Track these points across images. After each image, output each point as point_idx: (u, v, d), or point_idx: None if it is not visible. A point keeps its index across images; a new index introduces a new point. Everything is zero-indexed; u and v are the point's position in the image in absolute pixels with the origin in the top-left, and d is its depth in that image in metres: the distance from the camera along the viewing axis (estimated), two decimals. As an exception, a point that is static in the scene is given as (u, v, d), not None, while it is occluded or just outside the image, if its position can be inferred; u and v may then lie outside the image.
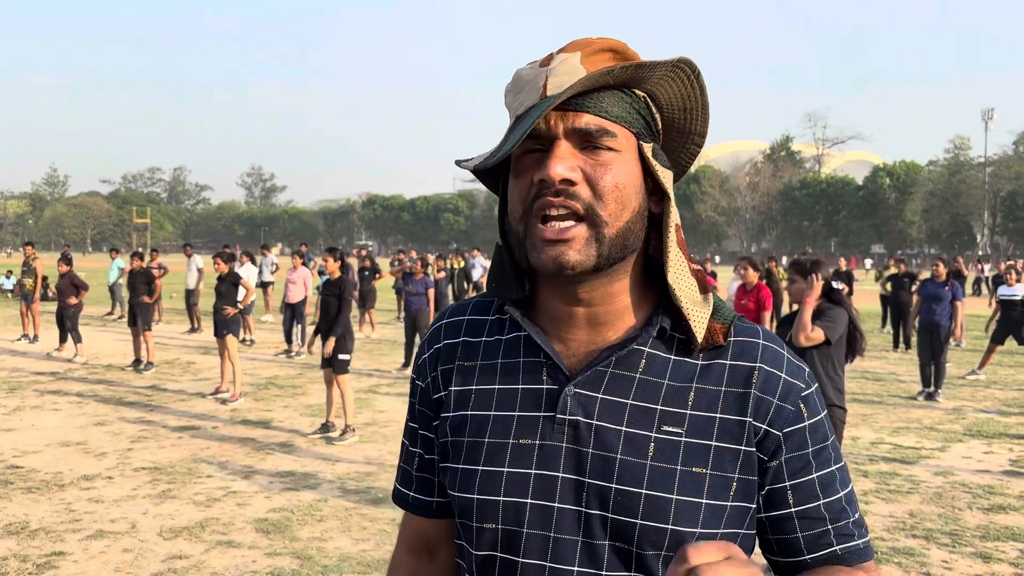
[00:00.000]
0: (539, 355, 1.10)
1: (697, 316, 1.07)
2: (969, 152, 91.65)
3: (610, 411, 1.05)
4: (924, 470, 7.26)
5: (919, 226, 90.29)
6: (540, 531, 1.04)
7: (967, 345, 16.85)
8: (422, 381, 1.21)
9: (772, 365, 1.08)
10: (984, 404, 10.56)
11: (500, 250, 1.16)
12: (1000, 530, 5.70)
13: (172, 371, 12.25)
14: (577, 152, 1.03)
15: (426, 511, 1.24)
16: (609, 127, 1.03)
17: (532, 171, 1.04)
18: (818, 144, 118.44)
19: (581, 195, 1.01)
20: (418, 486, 1.24)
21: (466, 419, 1.13)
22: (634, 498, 1.02)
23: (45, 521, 5.62)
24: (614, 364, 1.07)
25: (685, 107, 1.10)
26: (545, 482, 1.05)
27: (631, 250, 1.06)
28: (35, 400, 9.90)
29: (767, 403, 1.06)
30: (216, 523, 5.61)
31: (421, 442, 1.22)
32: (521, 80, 1.07)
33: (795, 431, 1.07)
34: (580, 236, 1.02)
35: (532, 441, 1.07)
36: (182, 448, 7.64)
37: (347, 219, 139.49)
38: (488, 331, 1.17)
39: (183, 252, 18.92)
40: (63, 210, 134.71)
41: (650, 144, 1.08)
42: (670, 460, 1.03)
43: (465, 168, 1.11)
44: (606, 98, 1.03)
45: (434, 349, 1.21)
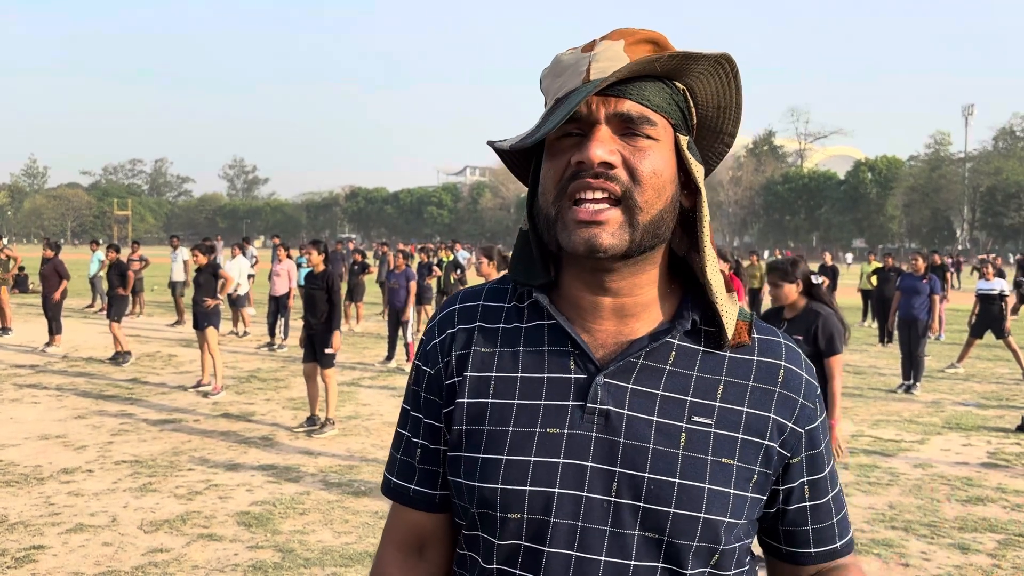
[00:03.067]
0: (566, 344, 1.09)
1: (728, 312, 1.09)
2: (949, 147, 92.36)
3: (641, 401, 1.06)
4: (903, 462, 7.32)
5: (900, 221, 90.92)
6: (568, 520, 1.03)
7: (947, 339, 17.00)
8: (431, 367, 1.17)
9: (794, 364, 1.12)
10: (963, 397, 10.66)
11: (525, 235, 1.15)
12: (978, 521, 5.76)
13: (153, 364, 12.17)
14: (616, 137, 1.03)
15: (428, 505, 1.20)
16: (650, 115, 1.03)
17: (569, 153, 1.03)
18: (800, 139, 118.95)
19: (620, 178, 1.01)
20: (420, 478, 1.19)
21: (486, 407, 1.10)
22: (667, 487, 1.02)
23: (24, 515, 5.57)
24: (645, 356, 1.08)
25: (719, 105, 1.10)
26: (574, 471, 1.04)
27: (662, 240, 1.07)
28: (14, 393, 9.81)
29: (792, 401, 1.10)
30: (198, 516, 5.59)
31: (425, 432, 1.18)
32: (561, 64, 1.07)
33: (813, 428, 1.13)
34: (614, 219, 1.01)
35: (560, 430, 1.06)
36: (163, 441, 7.59)
37: (330, 212, 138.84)
38: (506, 318, 1.15)
39: (169, 244, 18.75)
40: (43, 202, 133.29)
41: (686, 137, 1.08)
42: (701, 450, 1.05)
43: (499, 148, 1.10)
44: (648, 87, 1.03)
45: (447, 334, 1.17)
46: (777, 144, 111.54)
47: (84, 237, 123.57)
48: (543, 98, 1.12)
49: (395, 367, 12.12)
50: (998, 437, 8.40)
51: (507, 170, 1.27)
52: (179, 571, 4.70)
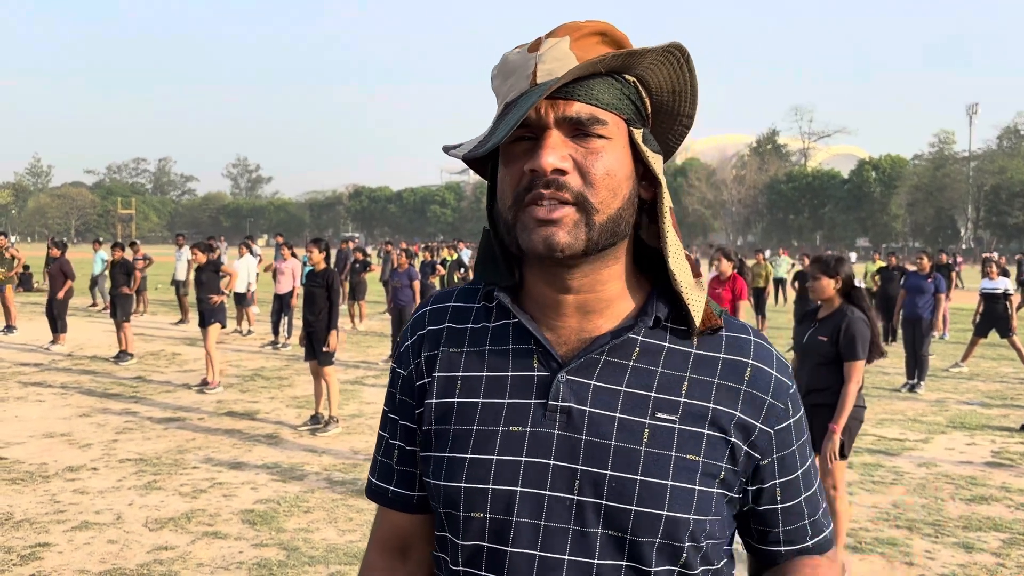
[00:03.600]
0: (529, 342, 1.09)
1: (695, 300, 1.09)
2: (954, 146, 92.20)
3: (603, 398, 1.05)
4: (908, 461, 7.32)
5: (904, 220, 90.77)
6: (530, 520, 1.03)
7: (951, 338, 16.98)
8: (404, 369, 1.18)
9: (763, 362, 1.11)
10: (967, 396, 10.65)
11: (488, 235, 1.16)
12: (982, 520, 5.76)
13: (157, 362, 12.19)
14: (568, 140, 1.02)
15: (406, 506, 1.20)
16: (600, 115, 1.02)
17: (523, 160, 1.03)
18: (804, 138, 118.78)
19: (572, 185, 1.01)
20: (398, 480, 1.20)
21: (452, 407, 1.10)
22: (629, 484, 1.02)
23: (29, 512, 5.59)
24: (608, 352, 1.07)
25: (674, 89, 1.09)
26: (536, 470, 1.04)
27: (621, 236, 1.06)
28: (19, 391, 9.83)
29: (759, 400, 1.09)
30: (202, 514, 5.60)
31: (402, 433, 1.19)
32: (509, 65, 1.06)
33: (783, 428, 1.11)
34: (570, 218, 1.01)
35: (523, 428, 1.05)
36: (168, 439, 7.61)
37: (333, 211, 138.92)
38: (474, 318, 1.15)
39: (174, 243, 18.76)
40: (47, 201, 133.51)
41: (640, 130, 1.08)
42: (664, 447, 1.04)
43: (453, 156, 1.09)
44: (596, 85, 1.02)
45: (418, 335, 1.18)
46: (781, 143, 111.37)
47: (88, 236, 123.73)
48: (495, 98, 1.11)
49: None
50: (1002, 436, 8.39)
51: None
52: (184, 569, 4.71)
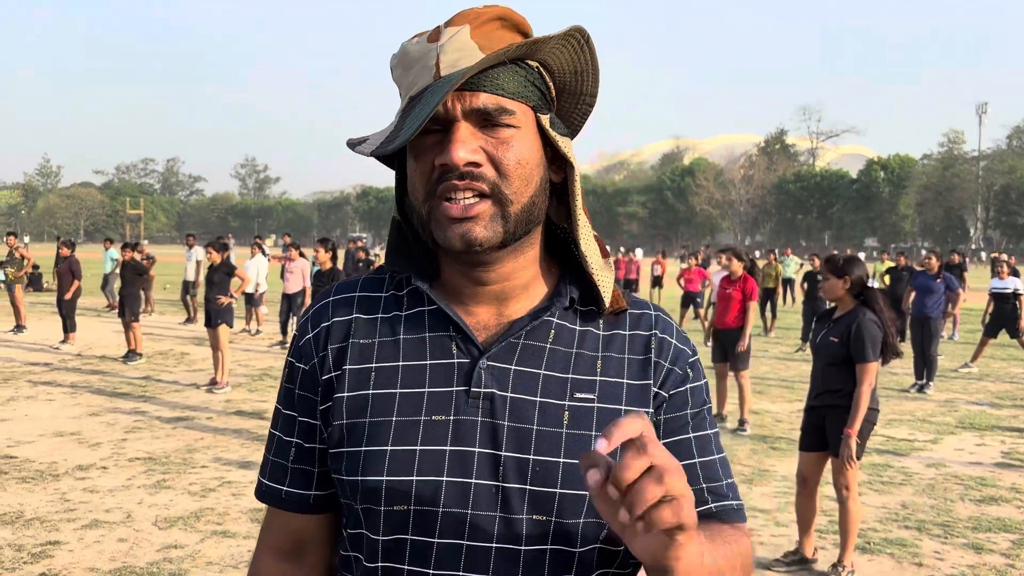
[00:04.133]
0: (448, 329, 1.08)
1: (604, 280, 1.10)
2: (963, 146, 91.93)
3: (524, 382, 1.05)
4: (917, 462, 7.29)
5: (912, 220, 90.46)
6: (456, 509, 1.01)
7: (960, 338, 16.91)
8: (304, 363, 1.12)
9: (665, 332, 1.14)
10: (976, 397, 10.61)
11: (399, 225, 1.14)
12: (992, 521, 5.74)
13: (166, 362, 12.23)
14: (477, 132, 1.01)
15: (303, 506, 1.15)
16: (507, 104, 1.01)
17: (432, 153, 1.01)
18: (812, 137, 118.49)
19: (486, 176, 1.00)
20: (294, 479, 1.14)
21: (367, 399, 1.07)
22: (552, 467, 1.02)
23: (40, 511, 5.62)
24: (525, 335, 1.07)
25: (576, 70, 1.09)
26: (461, 458, 1.02)
27: (536, 223, 1.07)
28: (29, 390, 9.87)
29: (661, 367, 1.11)
30: (211, 513, 5.62)
31: (300, 431, 1.13)
32: (410, 56, 1.04)
33: (678, 393, 1.12)
34: (486, 212, 1.01)
35: (446, 417, 1.04)
36: (177, 439, 7.63)
37: (341, 211, 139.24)
38: (384, 307, 1.12)
39: (184, 242, 18.80)
40: (56, 201, 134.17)
41: (547, 115, 1.07)
42: (585, 427, 1.04)
43: (360, 152, 1.06)
44: (502, 75, 1.01)
45: (322, 327, 1.13)
46: (789, 143, 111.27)
47: (97, 236, 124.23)
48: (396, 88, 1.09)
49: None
50: (1012, 437, 8.36)
51: None
52: (193, 567, 4.73)
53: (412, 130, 0.96)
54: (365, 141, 1.06)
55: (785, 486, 6.41)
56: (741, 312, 8.37)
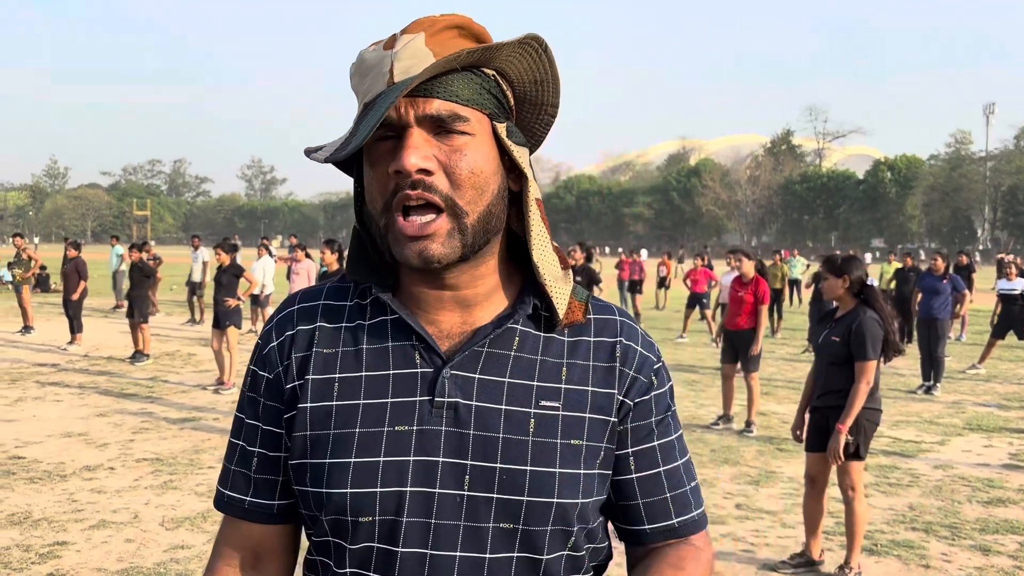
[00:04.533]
0: (411, 338, 1.07)
1: (559, 292, 1.09)
2: (970, 146, 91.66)
3: (489, 391, 1.05)
4: (924, 464, 7.27)
5: (920, 220, 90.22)
6: (420, 518, 1.01)
7: (967, 340, 16.86)
8: (268, 372, 1.12)
9: (630, 339, 1.13)
10: (984, 398, 10.58)
11: (359, 234, 1.13)
12: (999, 523, 5.72)
13: (173, 363, 12.26)
14: (431, 139, 1.00)
15: (266, 517, 1.14)
16: (461, 111, 1.00)
17: (387, 160, 1.01)
18: (819, 138, 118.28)
19: (438, 186, 1.00)
20: (257, 489, 1.13)
21: (331, 410, 1.06)
22: (519, 476, 1.02)
23: (48, 511, 5.64)
24: (489, 343, 1.07)
25: (536, 79, 1.08)
26: (425, 468, 1.02)
27: (494, 232, 1.06)
28: (36, 391, 9.91)
29: (626, 375, 1.11)
30: (218, 514, 5.62)
31: (263, 440, 1.12)
32: (366, 64, 1.03)
33: (643, 401, 1.12)
34: (442, 229, 1.00)
35: (409, 427, 1.03)
36: (184, 439, 7.66)
37: (347, 212, 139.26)
38: (348, 317, 1.11)
39: (190, 244, 18.81)
40: (63, 202, 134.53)
41: (504, 123, 1.07)
42: (550, 434, 1.05)
43: (315, 160, 1.05)
44: (455, 81, 1.01)
45: (285, 336, 1.12)
46: (795, 143, 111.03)
47: (104, 237, 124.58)
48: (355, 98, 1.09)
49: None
50: (1020, 438, 8.33)
51: None
52: (200, 568, 4.74)
53: (363, 135, 0.96)
54: (321, 149, 1.06)
55: (791, 487, 6.40)
56: (753, 314, 8.35)
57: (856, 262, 4.86)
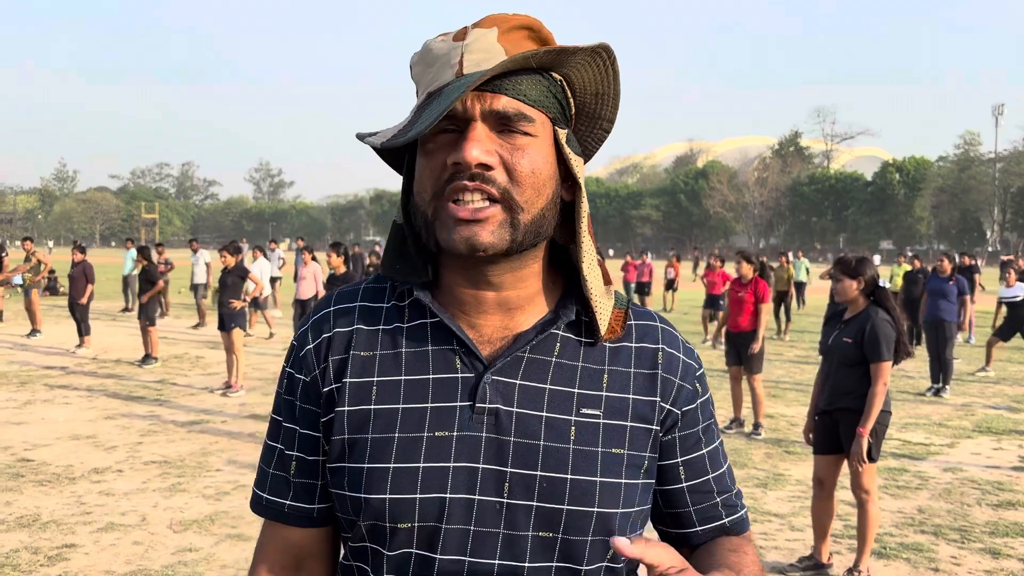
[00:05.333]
0: (451, 342, 1.05)
1: (603, 308, 1.08)
2: (979, 148, 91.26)
3: (530, 397, 1.03)
4: (933, 466, 7.24)
5: (928, 222, 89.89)
6: (460, 525, 1.00)
7: (976, 341, 16.78)
8: (305, 375, 1.10)
9: (671, 346, 1.12)
10: (993, 400, 10.52)
11: (400, 230, 1.11)
12: (1009, 526, 5.69)
13: (181, 366, 12.29)
14: (493, 135, 0.99)
15: (306, 521, 1.12)
16: (527, 111, 0.99)
17: (445, 152, 0.99)
18: (827, 139, 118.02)
19: (497, 180, 0.98)
20: (296, 493, 1.12)
21: (369, 414, 1.04)
22: (560, 484, 1.01)
23: (56, 514, 5.65)
24: (531, 349, 1.05)
25: (597, 92, 1.08)
26: (466, 474, 1.01)
27: (543, 236, 1.04)
28: (45, 394, 9.94)
29: (671, 383, 1.09)
30: (226, 516, 5.64)
31: (301, 444, 1.11)
32: (432, 54, 1.02)
33: (690, 409, 1.11)
34: (495, 218, 0.99)
35: (449, 433, 1.02)
36: (191, 442, 7.67)
37: (355, 215, 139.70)
38: (385, 319, 1.09)
39: (189, 247, 18.88)
40: (72, 205, 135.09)
41: (565, 130, 1.06)
42: (591, 443, 1.03)
43: (369, 143, 1.03)
44: (524, 81, 1.00)
45: (322, 338, 1.10)
46: (803, 145, 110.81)
47: (113, 240, 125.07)
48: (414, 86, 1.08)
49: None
50: (1030, 441, 8.28)
51: None
52: (208, 570, 4.75)
53: (427, 123, 0.94)
54: (376, 135, 1.04)
55: (800, 490, 6.37)
56: (754, 315, 8.36)
57: (869, 263, 4.85)
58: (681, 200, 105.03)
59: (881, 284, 4.85)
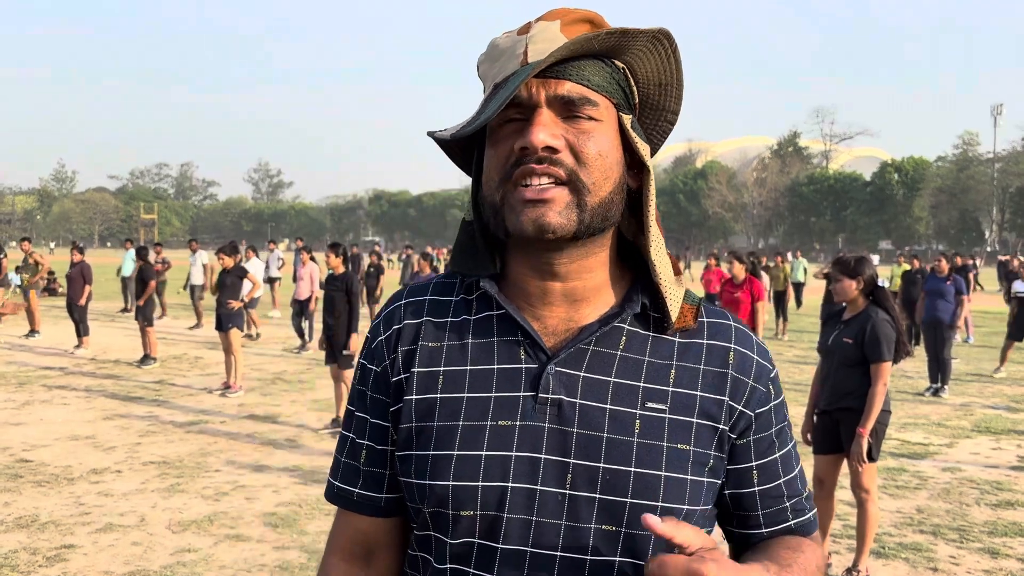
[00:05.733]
0: (516, 333, 1.07)
1: (673, 295, 1.07)
2: (978, 148, 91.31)
3: (594, 389, 1.03)
4: (932, 466, 7.24)
5: (927, 222, 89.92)
6: (522, 515, 1.00)
7: (975, 341, 16.79)
8: (376, 365, 1.13)
9: (744, 346, 1.10)
10: (992, 400, 10.53)
11: (468, 226, 1.13)
12: (1008, 526, 5.69)
13: (180, 366, 12.29)
14: (559, 120, 1.00)
15: (374, 509, 1.15)
16: (591, 96, 1.00)
17: (512, 139, 1.01)
18: (826, 140, 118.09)
19: (564, 162, 0.99)
20: (365, 482, 1.14)
21: (435, 403, 1.07)
22: (623, 476, 1.00)
23: (55, 514, 5.65)
24: (595, 342, 1.06)
25: (661, 82, 1.08)
26: (527, 464, 1.01)
27: (611, 222, 1.05)
28: (44, 395, 9.94)
29: (743, 384, 1.08)
30: (224, 517, 5.64)
31: (371, 433, 1.14)
32: (498, 49, 1.04)
33: (764, 412, 1.10)
34: (562, 198, 0.99)
35: (512, 422, 1.03)
36: (190, 442, 7.67)
37: (354, 215, 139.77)
38: (454, 311, 1.12)
39: (188, 247, 18.85)
40: (71, 206, 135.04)
41: (629, 116, 1.06)
42: (656, 437, 1.03)
43: (439, 137, 1.06)
44: (588, 66, 1.01)
45: (392, 330, 1.13)
46: (802, 145, 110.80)
47: (112, 241, 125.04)
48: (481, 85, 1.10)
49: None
50: (1028, 441, 8.28)
51: None
52: (207, 571, 4.75)
53: (493, 110, 0.96)
54: (445, 130, 1.06)
55: (799, 490, 6.37)
56: (751, 314, 8.39)
57: (868, 263, 4.85)
58: (680, 200, 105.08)
59: (880, 284, 4.85)
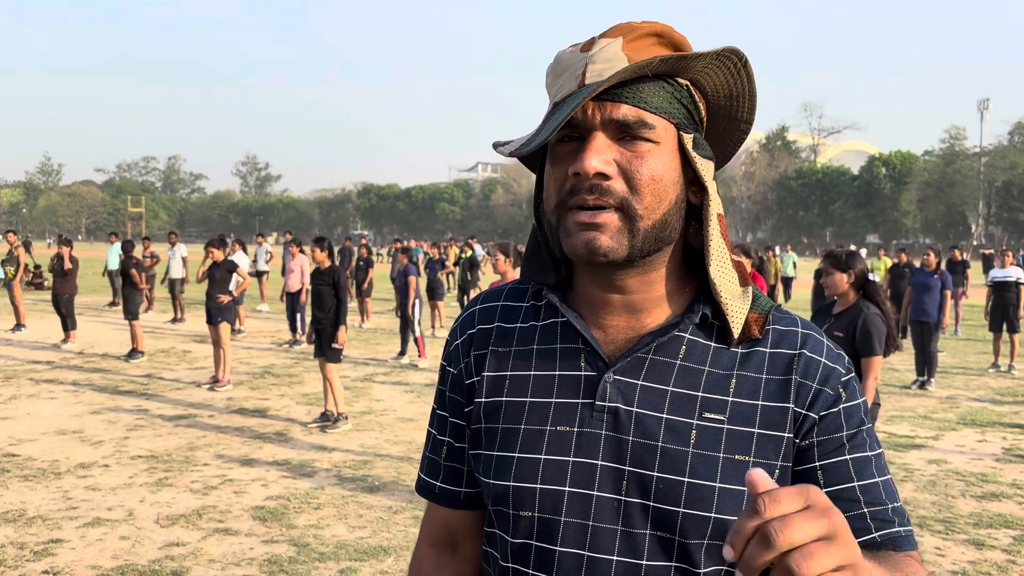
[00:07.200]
0: (577, 341, 1.10)
1: (736, 310, 1.06)
2: (965, 142, 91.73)
3: (650, 398, 1.04)
4: (918, 458, 7.30)
5: (914, 216, 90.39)
6: (578, 519, 1.03)
7: (963, 334, 16.90)
8: (454, 367, 1.19)
9: (813, 352, 1.07)
10: (978, 393, 10.61)
11: (536, 234, 1.15)
12: (993, 517, 5.74)
13: (168, 360, 12.24)
14: (613, 143, 1.01)
15: (453, 502, 1.22)
16: (647, 118, 1.01)
17: (568, 161, 1.02)
18: (814, 134, 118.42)
19: (615, 190, 1.00)
20: (446, 476, 1.21)
21: (501, 405, 1.11)
22: (676, 486, 1.01)
23: (42, 509, 5.63)
24: (654, 351, 1.06)
25: (731, 94, 1.08)
26: (584, 470, 1.04)
27: (667, 242, 1.05)
28: (31, 389, 9.89)
29: (807, 388, 1.05)
30: (213, 511, 5.63)
31: (451, 430, 1.20)
32: (561, 64, 1.05)
33: (830, 414, 1.06)
34: (613, 223, 1.00)
35: (570, 428, 1.06)
36: (179, 436, 7.65)
37: (342, 208, 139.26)
38: (523, 317, 1.16)
39: (168, 241, 18.69)
40: (57, 199, 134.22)
41: (691, 135, 1.06)
42: (712, 448, 1.02)
43: (502, 152, 1.09)
44: (646, 88, 1.01)
45: (467, 335, 1.19)
46: (790, 139, 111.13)
47: (98, 234, 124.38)
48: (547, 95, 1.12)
49: (407, 363, 12.15)
50: (1014, 433, 8.36)
51: (519, 166, 1.25)
52: (195, 565, 4.74)
53: (547, 133, 0.98)
54: (508, 144, 1.08)
55: (786, 483, 6.41)
56: None
57: (858, 257, 4.89)
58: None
59: (871, 278, 4.89)
